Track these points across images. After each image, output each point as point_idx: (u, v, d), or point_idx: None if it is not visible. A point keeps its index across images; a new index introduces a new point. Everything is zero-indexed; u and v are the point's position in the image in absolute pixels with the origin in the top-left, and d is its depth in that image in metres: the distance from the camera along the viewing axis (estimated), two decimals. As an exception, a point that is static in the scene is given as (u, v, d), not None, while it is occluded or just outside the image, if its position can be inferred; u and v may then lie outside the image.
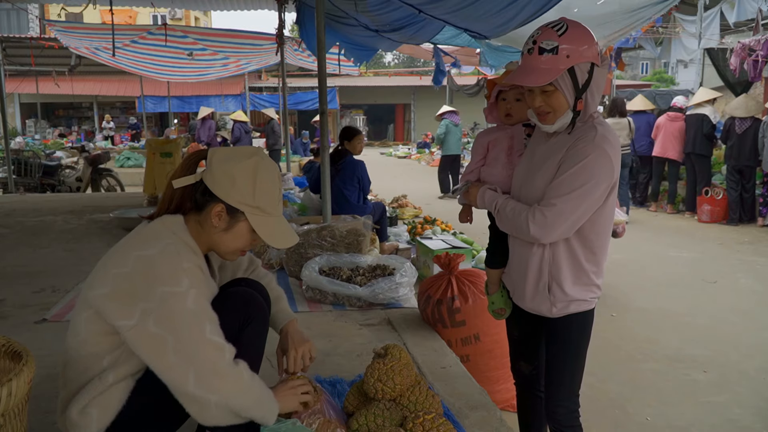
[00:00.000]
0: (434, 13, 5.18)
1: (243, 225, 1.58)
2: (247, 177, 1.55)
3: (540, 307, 1.95)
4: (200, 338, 1.45)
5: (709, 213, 8.34)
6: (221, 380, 1.45)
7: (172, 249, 1.51)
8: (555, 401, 2.00)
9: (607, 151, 1.75)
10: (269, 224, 1.60)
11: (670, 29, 9.04)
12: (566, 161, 1.77)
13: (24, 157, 9.95)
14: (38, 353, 1.64)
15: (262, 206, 1.58)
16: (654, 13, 5.52)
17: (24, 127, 22.27)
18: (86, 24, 11.89)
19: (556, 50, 1.70)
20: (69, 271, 4.17)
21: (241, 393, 1.48)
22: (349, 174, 5.22)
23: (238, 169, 1.55)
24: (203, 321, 1.47)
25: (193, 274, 1.50)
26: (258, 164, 1.58)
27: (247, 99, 20.63)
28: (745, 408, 3.23)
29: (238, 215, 1.57)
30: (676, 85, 27.71)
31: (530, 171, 1.91)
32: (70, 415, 1.50)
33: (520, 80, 1.76)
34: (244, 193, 1.55)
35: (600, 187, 1.76)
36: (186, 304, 1.45)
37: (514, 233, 1.92)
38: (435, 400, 1.96)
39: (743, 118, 7.91)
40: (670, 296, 5.12)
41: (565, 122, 1.80)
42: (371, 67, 33.93)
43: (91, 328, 1.51)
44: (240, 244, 1.62)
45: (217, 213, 1.56)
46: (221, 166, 1.57)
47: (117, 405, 1.51)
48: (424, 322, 3.12)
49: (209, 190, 1.57)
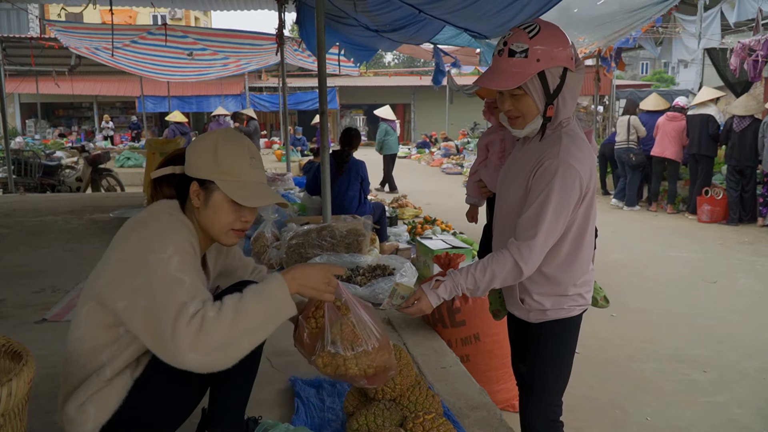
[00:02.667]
0: (434, 13, 5.18)
1: (217, 195, 1.59)
2: (209, 148, 1.60)
3: (517, 312, 1.95)
4: (175, 302, 1.39)
5: (709, 213, 8.33)
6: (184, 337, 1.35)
7: (165, 224, 1.54)
8: (534, 409, 1.95)
9: (572, 164, 1.68)
10: (242, 187, 1.60)
11: (670, 29, 9.04)
12: (535, 183, 1.72)
13: (24, 157, 9.94)
14: (38, 353, 1.64)
15: (227, 170, 1.59)
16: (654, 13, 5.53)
17: (24, 127, 22.26)
18: (86, 24, 11.89)
19: (526, 53, 1.64)
20: (69, 271, 4.17)
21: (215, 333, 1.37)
22: (354, 174, 5.25)
23: (201, 147, 1.62)
24: (182, 284, 1.42)
25: (180, 245, 1.50)
26: (218, 136, 1.63)
27: (247, 99, 20.64)
28: (745, 408, 3.23)
29: (209, 186, 1.60)
30: (677, 85, 27.73)
31: (507, 176, 1.90)
32: (68, 410, 1.51)
33: (486, 83, 1.72)
34: (208, 162, 1.59)
35: (571, 203, 1.71)
36: (169, 270, 1.43)
37: (507, 284, 1.79)
38: (435, 400, 1.96)
39: (742, 116, 7.91)
40: (670, 296, 5.12)
41: (535, 128, 1.76)
42: (371, 67, 33.92)
43: (91, 320, 1.52)
44: (225, 218, 1.61)
45: (194, 192, 1.60)
46: (190, 151, 1.64)
47: (114, 403, 1.50)
48: (424, 322, 3.12)
49: (187, 178, 1.62)
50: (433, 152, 19.97)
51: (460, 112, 24.51)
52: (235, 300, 1.43)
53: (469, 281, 1.74)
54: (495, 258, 1.74)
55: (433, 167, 17.23)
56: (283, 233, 4.36)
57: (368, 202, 5.46)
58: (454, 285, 1.76)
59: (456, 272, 1.76)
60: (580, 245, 1.81)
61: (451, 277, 1.76)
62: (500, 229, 1.93)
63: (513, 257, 1.71)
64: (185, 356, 1.35)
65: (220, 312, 1.39)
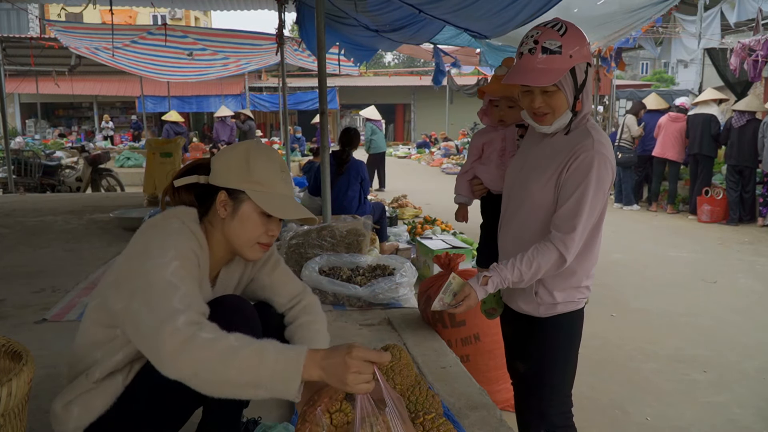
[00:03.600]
0: (434, 13, 5.18)
1: (247, 205, 1.55)
2: (241, 158, 1.57)
3: (525, 307, 1.96)
4: (166, 306, 1.32)
5: (709, 213, 8.33)
6: (168, 342, 1.26)
7: (172, 229, 1.50)
8: (547, 402, 1.99)
9: (606, 156, 1.76)
10: (273, 198, 1.56)
11: (670, 29, 9.04)
12: (572, 176, 1.76)
13: (24, 157, 9.94)
14: (38, 353, 1.64)
15: (260, 180, 1.55)
16: (654, 13, 5.52)
17: (24, 127, 22.25)
18: (86, 24, 11.90)
19: (560, 50, 1.69)
20: (69, 271, 4.17)
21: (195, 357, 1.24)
22: (354, 174, 5.25)
23: (231, 156, 1.58)
24: (177, 291, 1.35)
25: (181, 252, 1.44)
26: (250, 146, 1.60)
27: (247, 99, 20.63)
28: (745, 408, 3.23)
29: (240, 196, 1.55)
30: (677, 85, 27.71)
31: (524, 173, 1.90)
32: (55, 406, 1.50)
33: (525, 80, 1.73)
34: (241, 171, 1.55)
35: (604, 193, 1.78)
36: (165, 275, 1.37)
37: (549, 275, 1.83)
38: (435, 400, 1.96)
39: (741, 112, 7.91)
40: (670, 296, 5.12)
41: (563, 123, 1.78)
42: (371, 67, 33.92)
43: (94, 317, 1.52)
44: (251, 230, 1.56)
45: (222, 202, 1.56)
46: (218, 160, 1.60)
47: (100, 407, 1.48)
48: (424, 322, 3.12)
49: (212, 187, 1.58)
50: (433, 152, 19.97)
51: (460, 112, 24.51)
52: (233, 342, 1.26)
53: (515, 274, 1.79)
54: (539, 250, 1.78)
55: (433, 167, 17.24)
56: (283, 233, 4.36)
57: (368, 202, 5.47)
58: (501, 279, 1.81)
59: (501, 266, 1.81)
60: (596, 236, 1.87)
61: (498, 272, 1.81)
62: (512, 224, 1.94)
63: (558, 249, 1.76)
64: (165, 364, 1.27)
65: (215, 339, 1.26)
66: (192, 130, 21.74)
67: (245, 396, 1.27)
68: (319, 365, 1.25)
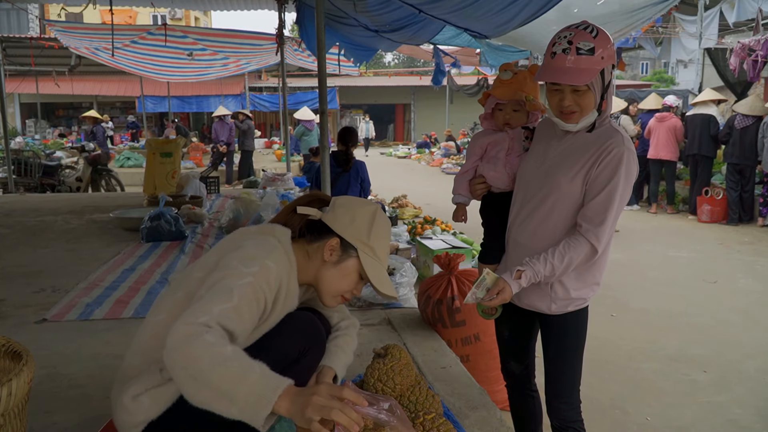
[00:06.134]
0: (434, 13, 5.18)
1: (353, 262, 1.64)
2: (367, 218, 1.66)
3: (538, 304, 1.97)
4: (207, 306, 1.36)
5: (709, 213, 8.34)
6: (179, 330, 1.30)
7: (269, 246, 1.55)
8: (558, 398, 2.03)
9: (633, 152, 1.85)
10: (378, 268, 1.66)
11: (670, 29, 9.06)
12: (605, 170, 1.81)
13: (24, 157, 9.94)
14: (38, 353, 1.65)
15: (374, 247, 1.65)
16: (654, 13, 5.52)
17: (24, 127, 22.26)
18: (86, 24, 11.91)
19: (593, 52, 1.75)
20: (69, 271, 4.17)
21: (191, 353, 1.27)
22: (354, 175, 5.24)
23: (359, 211, 1.67)
24: (226, 303, 1.37)
25: (265, 273, 1.47)
26: (377, 211, 1.70)
27: (247, 99, 20.64)
28: (745, 408, 3.23)
29: (350, 251, 1.64)
30: (676, 85, 27.69)
31: (546, 169, 1.93)
32: (123, 399, 1.51)
33: (562, 79, 1.78)
34: (361, 231, 1.64)
35: (631, 187, 1.86)
36: (234, 281, 1.41)
37: (579, 268, 1.89)
38: (435, 400, 1.96)
39: (745, 115, 7.91)
40: (670, 296, 5.12)
41: (590, 121, 1.85)
42: (371, 67, 33.93)
43: (174, 311, 1.52)
44: (344, 285, 1.66)
45: (331, 246, 1.63)
46: (343, 207, 1.68)
47: (168, 401, 1.51)
48: (424, 322, 3.12)
49: (326, 226, 1.65)
50: (433, 152, 19.97)
51: (460, 112, 24.53)
52: (230, 354, 1.28)
53: (547, 269, 1.84)
54: (571, 245, 1.83)
55: (433, 167, 17.24)
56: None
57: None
58: (534, 273, 1.85)
59: (534, 261, 1.85)
60: (612, 232, 1.90)
61: (531, 267, 1.85)
62: (532, 219, 1.96)
63: (590, 241, 1.82)
64: (167, 350, 1.30)
65: (213, 344, 1.28)
66: (192, 130, 21.75)
67: (218, 407, 1.25)
68: (291, 399, 1.24)
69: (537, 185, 1.95)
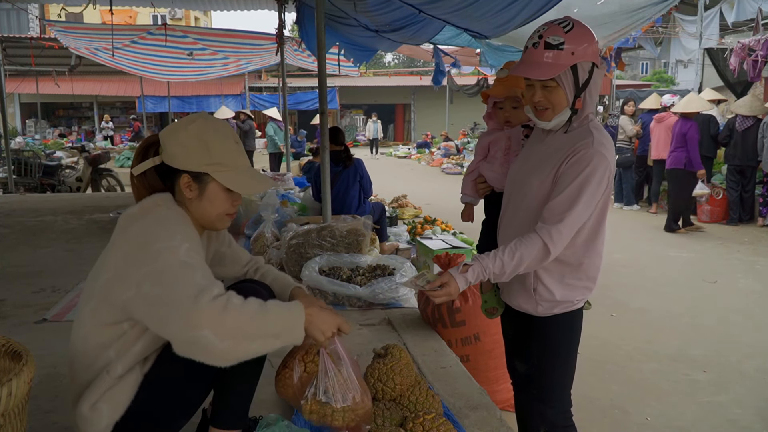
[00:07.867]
0: (434, 13, 5.18)
1: (213, 186, 1.59)
2: (197, 140, 1.58)
3: (525, 306, 1.96)
4: (191, 283, 1.39)
5: (709, 213, 8.34)
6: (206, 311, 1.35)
7: (164, 215, 1.53)
8: (544, 402, 2.00)
9: (605, 155, 1.76)
10: (237, 176, 1.61)
11: (670, 29, 9.06)
12: (569, 170, 1.76)
13: (24, 157, 9.95)
14: (38, 353, 1.64)
15: (221, 161, 1.59)
16: (654, 13, 5.52)
17: (24, 127, 22.26)
18: (86, 24, 11.90)
19: (562, 46, 1.71)
20: (69, 271, 4.17)
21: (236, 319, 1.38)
22: (352, 173, 5.24)
23: (185, 137, 1.58)
24: (195, 270, 1.43)
25: (187, 234, 1.51)
26: (202, 125, 1.60)
27: (247, 99, 20.64)
28: (745, 408, 3.23)
29: (204, 178, 1.59)
30: (676, 85, 27.71)
31: (526, 170, 1.92)
32: (82, 410, 1.51)
33: (525, 73, 1.76)
34: (200, 155, 1.57)
35: (599, 192, 1.77)
36: (178, 257, 1.43)
37: (532, 268, 1.82)
38: (435, 400, 1.96)
39: (745, 116, 7.90)
40: (670, 296, 5.12)
41: (563, 120, 1.80)
42: (371, 67, 33.90)
43: (96, 319, 1.52)
44: (220, 207, 1.62)
45: (186, 184, 1.59)
46: (169, 140, 1.59)
47: (126, 400, 1.51)
48: (424, 322, 3.12)
49: (171, 168, 1.60)
50: (433, 152, 19.97)
51: (460, 112, 24.53)
52: (259, 302, 1.45)
53: (496, 265, 1.75)
54: (523, 242, 1.75)
55: (433, 167, 17.24)
56: (283, 233, 4.36)
57: (368, 202, 5.46)
58: (482, 269, 1.76)
59: (483, 256, 1.77)
60: (596, 235, 1.86)
61: (479, 261, 1.76)
62: (513, 221, 1.95)
63: (542, 240, 1.73)
64: (200, 331, 1.33)
65: (245, 302, 1.42)
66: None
67: (265, 348, 1.44)
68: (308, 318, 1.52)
69: (518, 186, 1.94)
